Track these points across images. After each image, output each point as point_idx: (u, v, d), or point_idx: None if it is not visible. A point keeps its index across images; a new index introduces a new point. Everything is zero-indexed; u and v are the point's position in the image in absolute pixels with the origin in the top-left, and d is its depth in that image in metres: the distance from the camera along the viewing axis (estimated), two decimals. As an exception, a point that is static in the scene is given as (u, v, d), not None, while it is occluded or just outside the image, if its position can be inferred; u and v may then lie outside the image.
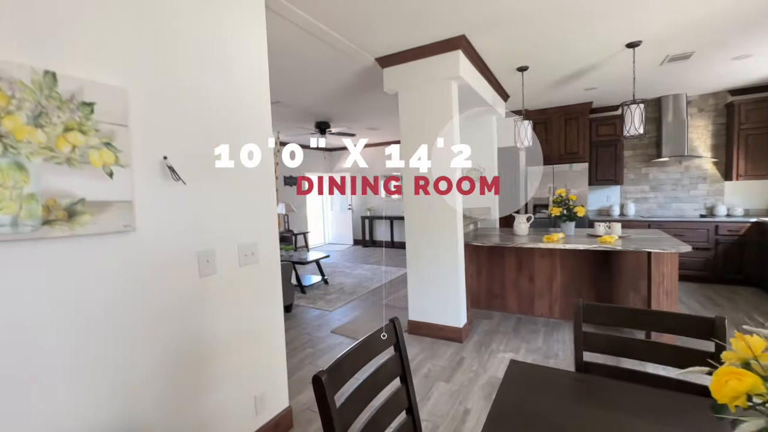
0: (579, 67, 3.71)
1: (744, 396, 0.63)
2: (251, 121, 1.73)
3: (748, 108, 4.58)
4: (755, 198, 4.86)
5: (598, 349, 1.32)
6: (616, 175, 5.32)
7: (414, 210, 3.29)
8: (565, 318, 3.58)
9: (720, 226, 4.60)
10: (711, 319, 1.14)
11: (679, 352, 1.19)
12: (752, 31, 2.95)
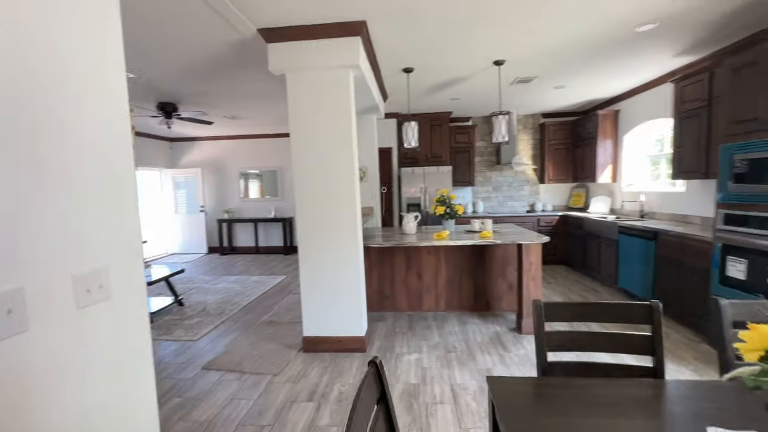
0: (452, 77, 4.03)
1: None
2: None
3: (554, 128, 5.99)
4: (559, 197, 6.43)
5: (556, 347, 1.32)
6: (470, 177, 6.13)
7: (309, 211, 2.89)
8: (449, 309, 3.83)
9: (540, 219, 5.86)
10: (648, 305, 1.27)
11: (627, 338, 1.29)
12: (570, 67, 3.79)
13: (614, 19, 2.73)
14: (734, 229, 2.60)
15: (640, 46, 3.25)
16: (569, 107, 5.85)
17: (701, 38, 3.13)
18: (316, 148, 2.83)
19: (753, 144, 2.44)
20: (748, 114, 2.51)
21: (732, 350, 1.23)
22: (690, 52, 3.46)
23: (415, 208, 5.70)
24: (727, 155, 2.64)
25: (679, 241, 3.26)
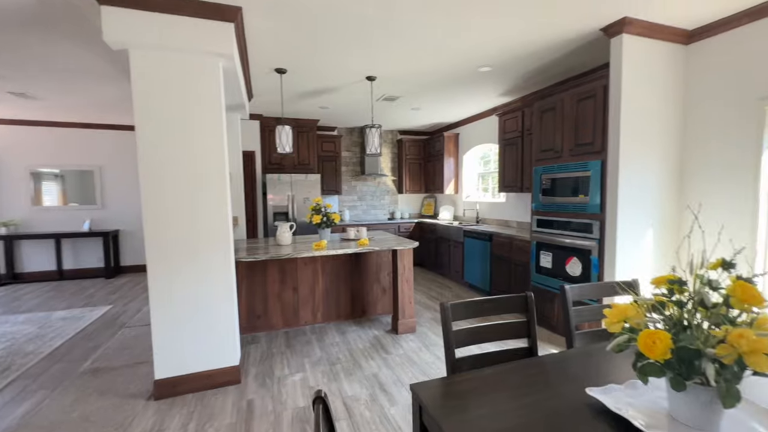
0: (325, 86, 4.02)
1: (668, 349, 0.87)
2: None
3: (410, 144, 6.72)
4: (414, 205, 7.21)
5: (461, 343, 1.45)
6: (337, 186, 6.22)
7: (164, 221, 2.34)
8: (327, 320, 3.75)
9: (400, 225, 6.43)
10: (524, 296, 1.54)
11: (510, 326, 1.52)
12: (427, 92, 4.33)
13: (463, 59, 3.26)
14: (543, 231, 3.46)
15: (478, 83, 3.99)
16: (422, 127, 6.66)
17: (518, 84, 4.07)
18: (174, 145, 2.33)
19: (553, 167, 3.31)
20: (549, 145, 3.40)
21: (574, 322, 1.61)
22: (510, 94, 4.46)
23: (282, 217, 5.39)
24: (538, 174, 3.50)
25: (508, 241, 4.12)
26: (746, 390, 1.15)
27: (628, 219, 2.75)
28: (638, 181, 2.76)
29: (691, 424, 0.94)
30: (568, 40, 2.90)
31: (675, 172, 2.89)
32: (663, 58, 2.78)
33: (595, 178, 2.90)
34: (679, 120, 2.88)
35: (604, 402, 1.04)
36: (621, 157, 2.69)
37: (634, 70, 2.67)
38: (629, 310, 0.99)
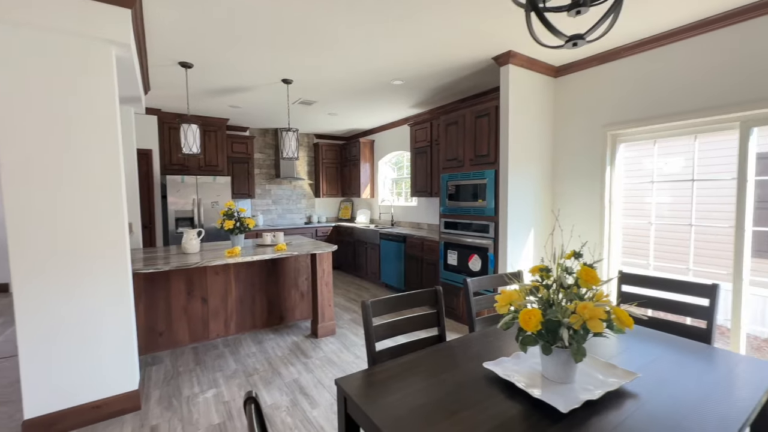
0: (237, 84, 3.84)
1: (539, 322, 1.11)
2: None
3: (326, 148, 6.75)
4: (331, 209, 7.24)
5: (380, 337, 1.57)
6: (249, 189, 5.92)
7: (39, 228, 1.99)
8: (242, 331, 3.56)
9: (318, 229, 6.41)
10: (435, 290, 1.73)
11: (423, 318, 1.70)
12: (344, 99, 4.45)
13: (378, 72, 3.46)
14: (450, 232, 3.84)
15: (392, 94, 4.25)
16: (339, 132, 6.75)
17: (427, 98, 4.45)
18: (52, 138, 2.00)
19: (457, 175, 3.72)
20: (454, 155, 3.80)
21: (474, 310, 1.87)
22: (421, 106, 4.84)
23: (186, 223, 4.92)
24: (444, 181, 3.88)
25: (420, 242, 4.46)
26: (591, 349, 1.50)
27: (515, 220, 3.24)
28: (522, 189, 3.28)
29: (557, 379, 1.20)
30: (467, 65, 3.31)
31: (548, 180, 3.51)
32: (539, 87, 3.36)
33: (490, 186, 3.35)
34: (550, 138, 3.51)
35: (496, 372, 1.26)
36: (509, 168, 3.17)
37: (518, 94, 3.18)
38: (513, 295, 1.23)
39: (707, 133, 2.68)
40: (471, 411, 1.09)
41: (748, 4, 2.29)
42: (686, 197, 2.85)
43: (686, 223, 2.84)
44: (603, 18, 1.13)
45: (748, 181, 2.47)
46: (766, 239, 5.39)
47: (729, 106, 2.45)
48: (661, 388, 1.22)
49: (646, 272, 3.05)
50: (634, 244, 3.36)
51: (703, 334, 1.71)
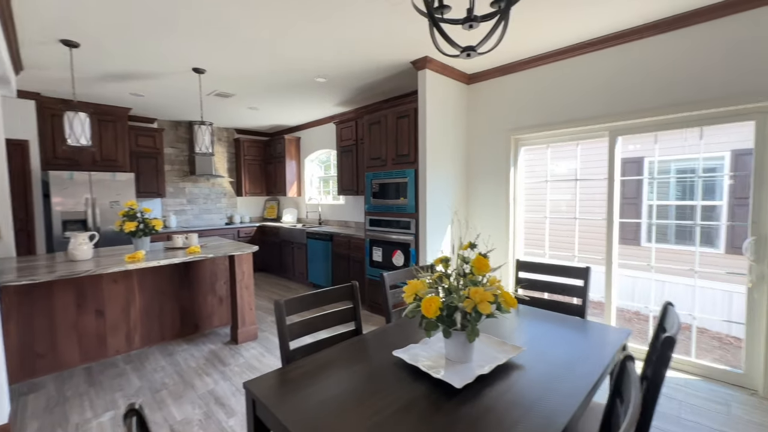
0: (138, 70, 3.44)
1: (438, 308, 1.21)
2: None
3: (249, 144, 6.40)
4: (255, 209, 6.89)
5: (296, 336, 1.56)
6: (158, 187, 5.35)
7: None
8: (149, 344, 3.22)
9: (240, 230, 6.06)
10: (351, 286, 1.77)
11: (340, 313, 1.72)
12: (265, 93, 4.28)
13: (300, 68, 3.40)
14: (375, 229, 3.94)
15: (316, 91, 4.20)
16: (262, 128, 6.45)
17: (352, 97, 4.48)
18: None
19: (380, 174, 3.82)
20: (377, 154, 3.90)
21: (391, 302, 1.95)
22: (346, 105, 4.85)
23: (77, 226, 4.27)
24: (369, 180, 3.96)
25: (347, 240, 4.48)
26: (490, 330, 1.66)
27: (434, 216, 3.45)
28: (440, 187, 3.50)
29: (457, 359, 1.32)
30: (387, 67, 3.41)
31: (463, 180, 3.80)
32: (454, 92, 3.61)
33: (411, 184, 3.51)
34: (465, 140, 3.79)
35: (404, 358, 1.34)
36: (428, 168, 3.35)
37: (434, 98, 3.38)
38: (418, 285, 1.32)
39: (586, 140, 3.15)
40: (379, 396, 1.15)
41: (615, 32, 2.75)
42: (572, 195, 3.32)
43: (572, 217, 3.31)
44: (490, 33, 1.27)
45: (615, 180, 2.96)
46: (630, 229, 6.48)
47: (600, 118, 2.91)
48: (542, 357, 1.41)
49: (542, 260, 3.48)
50: (534, 236, 3.81)
51: (580, 310, 2.02)
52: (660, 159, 5.65)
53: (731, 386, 2.44)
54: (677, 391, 2.39)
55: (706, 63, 2.44)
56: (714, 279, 4.77)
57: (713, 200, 5.55)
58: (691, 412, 2.17)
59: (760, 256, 2.34)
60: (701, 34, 2.44)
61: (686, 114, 2.55)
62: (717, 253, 5.36)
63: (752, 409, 2.20)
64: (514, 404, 1.10)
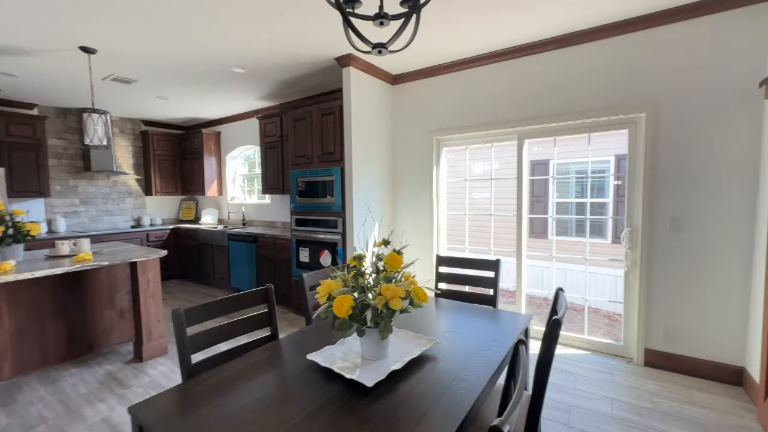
0: (6, 43, 2.86)
1: (350, 307, 1.18)
2: None
3: (159, 138, 5.76)
4: (168, 209, 6.22)
5: (202, 346, 1.41)
6: (40, 185, 4.54)
7: None
8: (24, 372, 2.69)
9: (150, 233, 5.42)
10: (265, 289, 1.66)
11: (254, 318, 1.61)
12: (176, 81, 3.88)
13: (214, 56, 3.13)
14: (301, 229, 3.81)
15: (235, 83, 3.92)
16: (176, 120, 5.84)
17: (275, 92, 4.28)
18: None
19: (306, 172, 3.71)
20: (302, 152, 3.78)
21: (311, 303, 1.88)
22: (269, 99, 4.62)
23: None
24: (294, 178, 3.82)
25: (272, 242, 4.27)
26: (408, 324, 1.69)
27: (360, 215, 3.44)
28: (367, 185, 3.51)
29: (373, 356, 1.31)
30: (311, 62, 3.32)
31: (389, 178, 3.86)
32: (379, 92, 3.65)
33: (337, 182, 3.46)
34: (391, 139, 3.86)
35: (317, 361, 1.30)
36: (354, 166, 3.33)
37: (360, 96, 3.37)
38: (332, 285, 1.28)
39: (499, 143, 3.41)
40: (289, 404, 1.09)
41: (522, 44, 3.01)
42: (487, 193, 3.57)
43: (488, 214, 3.57)
44: (399, 32, 1.28)
45: (523, 180, 3.26)
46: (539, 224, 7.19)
47: (510, 122, 3.17)
48: (453, 347, 1.47)
49: (462, 254, 3.69)
50: (456, 232, 4.02)
51: (492, 300, 2.17)
52: (562, 161, 6.39)
53: (615, 357, 2.85)
54: (573, 366, 2.71)
55: (594, 77, 2.79)
56: (603, 266, 5.54)
57: (603, 198, 6.44)
58: (583, 383, 2.47)
59: (633, 244, 2.76)
60: (592, 52, 2.79)
61: (578, 122, 2.89)
62: (605, 243, 6.24)
63: (628, 375, 2.58)
64: (425, 396, 1.13)
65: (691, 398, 2.27)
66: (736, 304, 2.39)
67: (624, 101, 2.68)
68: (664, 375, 2.55)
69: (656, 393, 2.33)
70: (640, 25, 2.58)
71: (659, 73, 2.55)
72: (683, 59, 2.47)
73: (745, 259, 2.35)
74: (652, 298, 2.66)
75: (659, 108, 2.56)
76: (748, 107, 2.30)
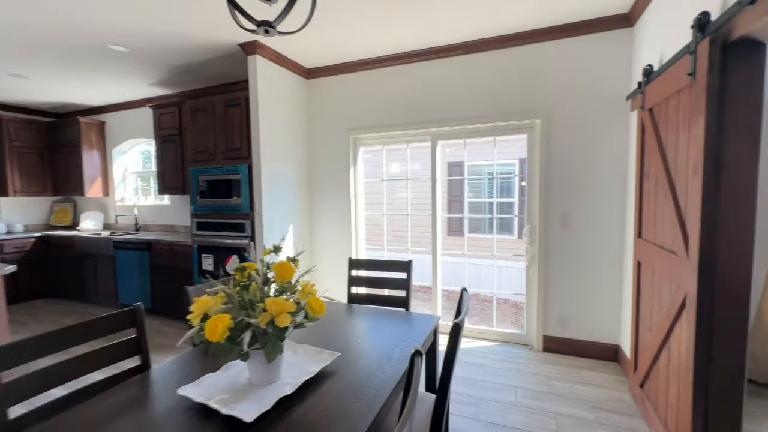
0: None
1: (226, 329, 1.00)
2: None
3: (19, 126, 4.68)
4: (35, 213, 5.10)
5: (28, 395, 1.08)
6: None
7: None
8: None
9: (5, 244, 4.38)
10: (132, 309, 1.37)
11: (114, 348, 1.30)
12: (34, 56, 3.15)
13: (84, 28, 2.59)
14: (204, 233, 3.39)
15: (116, 64, 3.33)
16: (41, 104, 4.81)
17: (172, 78, 3.75)
18: None
19: (209, 169, 3.31)
20: (204, 146, 3.36)
21: (199, 324, 1.62)
22: (164, 86, 4.04)
23: None
24: (195, 176, 3.38)
25: (170, 248, 3.74)
26: (310, 337, 1.54)
27: (274, 217, 3.18)
28: (280, 185, 3.25)
29: (263, 381, 1.14)
30: (212, 47, 2.95)
31: (305, 178, 3.65)
32: (292, 85, 3.41)
33: (244, 181, 3.14)
34: (306, 136, 3.65)
35: (190, 396, 1.07)
36: (263, 163, 3.06)
37: (270, 88, 3.10)
38: (209, 302, 1.07)
39: (414, 143, 3.44)
40: (140, 460, 0.86)
41: (435, 47, 3.06)
42: (404, 192, 3.59)
43: (405, 213, 3.59)
44: (286, 9, 1.12)
45: (437, 180, 3.33)
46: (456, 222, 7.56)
47: (424, 123, 3.21)
48: (359, 358, 1.37)
49: (382, 255, 3.66)
50: (375, 232, 3.98)
51: (404, 302, 2.12)
52: (475, 163, 6.82)
53: (519, 345, 3.05)
54: (484, 358, 2.84)
55: (498, 83, 2.95)
56: (511, 260, 6.04)
57: (510, 198, 7.02)
58: (492, 374, 2.59)
59: (532, 240, 2.99)
60: (495, 59, 2.95)
61: (485, 125, 3.04)
62: (514, 239, 6.82)
63: (530, 362, 2.78)
64: (316, 423, 0.99)
65: (580, 378, 2.52)
66: (612, 291, 2.72)
67: (523, 108, 2.88)
68: (560, 359, 2.81)
69: (552, 376, 2.54)
70: (534, 38, 2.79)
71: (551, 84, 2.79)
72: (570, 72, 2.74)
73: (619, 252, 2.69)
74: (549, 289, 2.91)
75: (552, 115, 2.81)
76: (619, 118, 2.63)
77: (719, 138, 1.41)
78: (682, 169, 1.66)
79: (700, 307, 1.46)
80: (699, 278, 1.46)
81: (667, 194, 1.79)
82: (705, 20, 1.42)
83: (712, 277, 1.44)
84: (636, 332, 2.24)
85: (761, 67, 1.35)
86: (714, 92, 1.39)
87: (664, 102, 1.86)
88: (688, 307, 1.54)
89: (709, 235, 1.44)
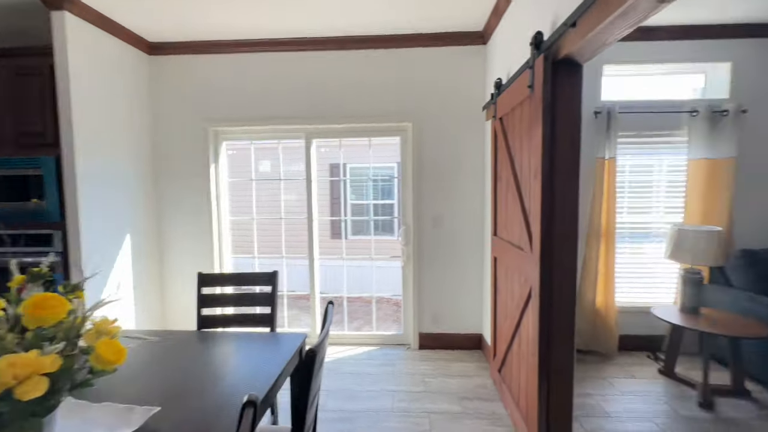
0: None
1: None
2: None
3: None
4: None
5: None
6: None
7: None
8: None
9: None
10: None
11: None
12: None
13: None
14: (-16, 250, 2.41)
15: None
16: None
17: None
18: None
19: (-10, 161, 2.37)
20: (-18, 129, 2.39)
21: None
22: None
23: None
24: (-35, 170, 2.38)
25: None
26: (131, 383, 1.06)
27: (99, 226, 2.47)
28: (109, 184, 2.55)
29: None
30: (-14, -13, 2.11)
31: (149, 176, 2.98)
32: (128, 61, 2.73)
33: (50, 178, 2.34)
34: (150, 125, 2.98)
35: None
36: (81, 156, 2.34)
37: (88, 57, 2.39)
38: None
39: (286, 140, 3.15)
40: None
41: (314, 37, 2.83)
42: (277, 194, 3.27)
43: (278, 217, 3.26)
44: None
45: (312, 181, 3.11)
46: (337, 225, 7.45)
47: (298, 119, 2.96)
48: (190, 404, 1.05)
49: (252, 264, 3.25)
50: (243, 239, 3.52)
51: (269, 319, 1.84)
52: (358, 165, 6.84)
53: (398, 346, 3.07)
54: (363, 366, 2.74)
55: (371, 83, 2.90)
56: (391, 260, 6.23)
57: (390, 200, 7.27)
58: (370, 382, 2.50)
59: (407, 240, 3.05)
60: (368, 58, 2.89)
61: (360, 125, 2.96)
62: (394, 239, 7.07)
63: (407, 361, 2.81)
64: None
65: (450, 370, 2.64)
66: (475, 284, 2.97)
67: (396, 110, 2.91)
68: (434, 354, 2.91)
69: (426, 373, 2.60)
70: (405, 42, 2.84)
71: (420, 89, 2.88)
72: (437, 80, 2.87)
73: (480, 249, 2.94)
74: (423, 287, 3.00)
75: (422, 120, 2.90)
76: (478, 126, 2.87)
77: (552, 146, 1.58)
78: (526, 172, 1.83)
79: (542, 297, 1.62)
80: (540, 271, 1.61)
81: (515, 196, 1.97)
82: (540, 39, 1.58)
83: (551, 269, 1.61)
84: (495, 322, 2.45)
85: (578, 87, 1.57)
86: (548, 104, 1.55)
87: (511, 112, 2.06)
88: (533, 298, 1.70)
89: (548, 232, 1.60)
